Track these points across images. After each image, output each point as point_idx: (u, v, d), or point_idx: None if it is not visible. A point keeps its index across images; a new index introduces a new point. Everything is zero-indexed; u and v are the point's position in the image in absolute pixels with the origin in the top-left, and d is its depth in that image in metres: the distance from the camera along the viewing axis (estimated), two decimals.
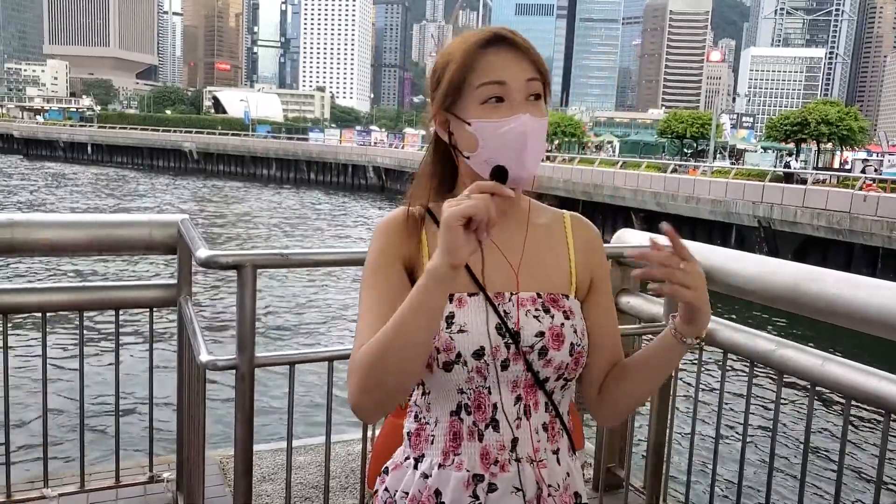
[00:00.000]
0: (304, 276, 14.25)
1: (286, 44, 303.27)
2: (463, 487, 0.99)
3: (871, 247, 17.51)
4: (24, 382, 6.77)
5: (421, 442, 1.04)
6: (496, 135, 0.97)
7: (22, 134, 67.10)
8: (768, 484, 2.14)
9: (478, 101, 0.98)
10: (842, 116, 38.69)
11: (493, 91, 0.97)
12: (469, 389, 0.99)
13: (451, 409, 1.01)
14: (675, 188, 23.21)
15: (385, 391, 0.92)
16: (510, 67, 0.98)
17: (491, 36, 0.99)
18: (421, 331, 0.89)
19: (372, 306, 0.99)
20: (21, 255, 2.27)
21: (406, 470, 1.04)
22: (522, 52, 1.00)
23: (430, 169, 1.09)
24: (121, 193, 33.96)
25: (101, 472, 2.63)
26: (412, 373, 0.92)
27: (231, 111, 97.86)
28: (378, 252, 1.03)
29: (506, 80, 0.98)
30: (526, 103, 0.98)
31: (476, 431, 1.00)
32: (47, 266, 13.86)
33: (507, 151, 0.96)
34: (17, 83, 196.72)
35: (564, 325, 1.02)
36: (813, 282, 1.93)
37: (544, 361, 1.00)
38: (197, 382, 2.02)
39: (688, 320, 0.97)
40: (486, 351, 0.97)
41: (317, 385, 6.97)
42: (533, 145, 0.97)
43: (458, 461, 1.00)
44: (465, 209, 0.84)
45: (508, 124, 0.96)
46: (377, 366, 0.90)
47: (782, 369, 2.00)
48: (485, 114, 0.98)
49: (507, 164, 0.95)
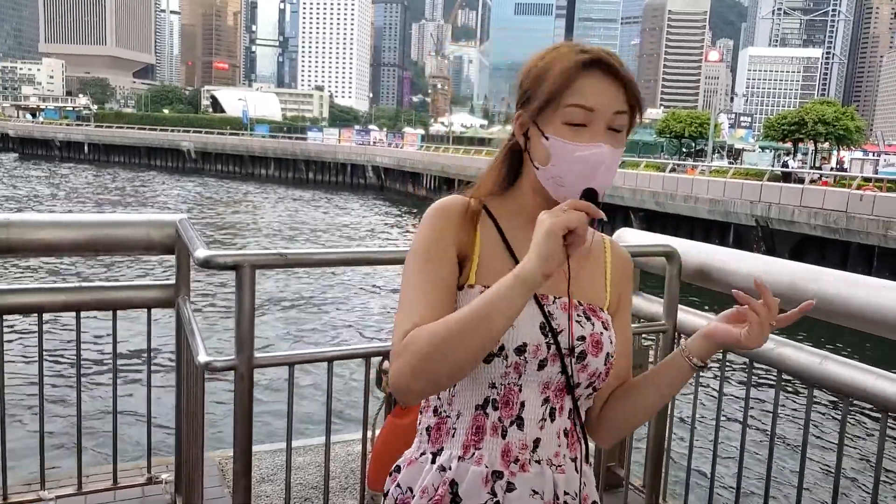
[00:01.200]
0: (304, 276, 14.24)
1: (284, 43, 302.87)
2: (482, 483, 0.99)
3: (867, 245, 17.58)
4: (20, 383, 6.75)
5: (441, 436, 1.03)
6: (571, 157, 0.98)
7: (17, 133, 66.86)
8: (767, 482, 2.14)
9: (562, 119, 0.99)
10: (838, 116, 38.79)
11: (579, 115, 0.98)
12: (501, 385, 1.00)
13: (477, 402, 1.01)
14: (673, 188, 23.24)
15: (437, 378, 0.91)
16: (603, 96, 0.99)
17: (595, 58, 0.99)
18: (497, 330, 0.89)
19: (424, 290, 0.99)
20: (17, 255, 2.25)
21: (422, 465, 1.03)
22: (620, 81, 1.00)
23: (501, 165, 1.10)
24: (118, 195, 33.90)
25: (98, 473, 2.61)
26: (470, 367, 0.92)
27: (229, 110, 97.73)
28: (434, 236, 1.02)
29: (595, 108, 0.98)
30: (606, 133, 0.99)
31: (500, 427, 1.00)
32: (44, 266, 13.83)
33: (576, 176, 0.98)
34: (12, 82, 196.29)
35: (604, 335, 1.04)
36: (811, 281, 1.93)
37: (581, 366, 1.02)
38: (195, 383, 2.02)
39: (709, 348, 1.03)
40: (528, 348, 0.98)
41: (317, 385, 6.97)
42: (603, 175, 0.98)
43: (478, 455, 1.00)
44: (570, 220, 0.87)
45: (586, 150, 0.98)
46: (437, 353, 0.89)
47: (781, 368, 2.01)
48: (565, 134, 0.99)
49: (573, 186, 0.98)
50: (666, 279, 2.35)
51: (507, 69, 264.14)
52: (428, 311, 0.95)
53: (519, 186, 1.09)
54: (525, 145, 1.05)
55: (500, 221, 1.06)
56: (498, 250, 1.04)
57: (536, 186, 1.05)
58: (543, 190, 1.03)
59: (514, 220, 1.07)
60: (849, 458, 6.52)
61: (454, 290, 1.01)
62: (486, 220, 1.06)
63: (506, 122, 1.10)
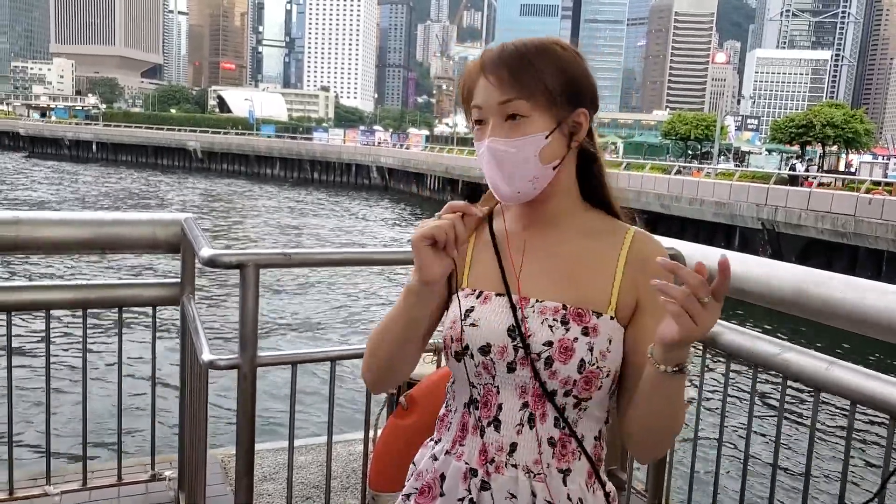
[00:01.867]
0: (308, 275, 14.26)
1: (291, 43, 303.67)
2: (461, 478, 1.03)
3: (876, 250, 17.46)
4: (27, 380, 6.79)
5: (442, 427, 1.10)
6: (479, 156, 1.03)
7: (28, 132, 67.31)
8: (771, 487, 2.13)
9: (472, 122, 1.04)
10: (847, 119, 38.60)
11: (476, 115, 1.03)
12: (479, 384, 1.03)
13: (464, 400, 1.06)
14: (679, 190, 23.19)
15: (379, 372, 1.09)
16: (486, 91, 1.01)
17: (482, 63, 1.03)
18: (402, 331, 1.03)
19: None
20: (25, 252, 2.27)
21: (426, 451, 1.12)
22: (497, 76, 0.99)
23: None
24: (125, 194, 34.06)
25: (103, 469, 2.63)
26: (397, 362, 1.07)
27: (236, 110, 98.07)
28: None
29: (481, 105, 1.01)
30: (504, 126, 0.99)
31: (479, 427, 1.02)
32: (50, 263, 13.90)
33: (486, 171, 1.02)
34: (23, 81, 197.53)
35: (578, 341, 0.97)
36: (817, 285, 1.92)
37: (550, 372, 0.98)
38: (199, 381, 2.02)
39: (666, 349, 0.89)
40: (493, 349, 0.99)
41: (319, 384, 6.98)
42: (503, 167, 0.99)
43: (460, 451, 1.04)
44: (427, 231, 0.94)
45: (478, 150, 1.03)
46: (372, 351, 1.08)
47: (786, 373, 2.00)
48: (476, 136, 1.04)
49: (490, 183, 1.03)
50: None
51: None
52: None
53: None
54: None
55: (498, 223, 1.11)
56: (488, 253, 1.08)
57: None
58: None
59: (510, 223, 1.11)
60: (855, 465, 6.48)
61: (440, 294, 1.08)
62: (483, 225, 1.11)
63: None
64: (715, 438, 2.34)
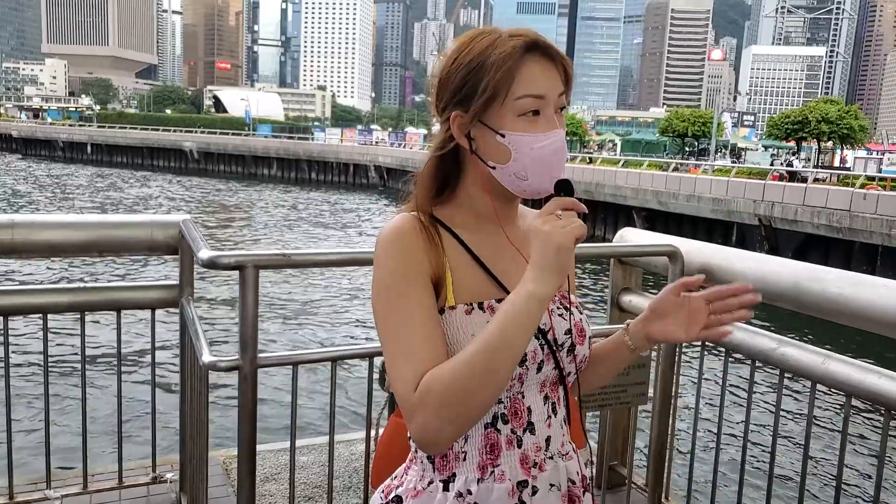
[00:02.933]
0: (307, 276, 14.25)
1: (287, 42, 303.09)
2: (508, 497, 0.96)
3: (871, 245, 17.53)
4: (25, 383, 6.78)
5: (450, 462, 0.98)
6: (532, 149, 0.93)
7: (21, 133, 67.06)
8: (769, 480, 2.14)
9: (516, 112, 0.93)
10: (842, 115, 38.70)
11: (532, 105, 0.93)
12: (506, 398, 0.98)
13: (485, 421, 0.97)
14: (676, 187, 23.21)
15: (469, 420, 0.88)
16: (548, 80, 0.95)
17: (530, 42, 0.94)
18: (519, 354, 0.87)
19: (418, 328, 0.91)
20: (21, 256, 2.27)
21: (433, 494, 0.98)
22: (556, 62, 0.96)
23: (435, 172, 1.02)
24: (118, 195, 33.97)
25: (104, 472, 2.63)
26: (498, 396, 0.88)
27: (232, 110, 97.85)
28: (402, 264, 0.94)
29: (545, 94, 0.94)
30: (557, 117, 0.96)
31: (515, 439, 0.98)
32: (48, 266, 13.87)
33: (540, 168, 0.94)
34: (15, 82, 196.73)
35: (583, 320, 1.05)
36: (814, 280, 1.93)
37: (571, 357, 1.03)
38: (199, 383, 2.03)
39: (650, 340, 1.04)
40: (528, 356, 0.96)
41: (320, 385, 6.98)
42: (561, 160, 0.95)
43: (498, 472, 0.97)
44: (577, 231, 0.85)
45: (546, 140, 0.93)
46: (465, 394, 0.85)
47: (783, 367, 2.01)
48: (521, 127, 0.94)
49: (538, 179, 0.94)
50: (668, 279, 2.35)
51: None
52: (431, 351, 0.89)
53: (464, 189, 1.02)
54: (471, 146, 0.98)
55: (457, 231, 1.00)
56: (466, 262, 0.98)
57: (490, 186, 0.99)
58: (499, 188, 0.98)
59: (469, 226, 1.01)
60: (852, 457, 6.51)
61: (440, 318, 0.95)
62: (446, 234, 0.99)
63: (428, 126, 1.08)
64: (713, 432, 2.36)
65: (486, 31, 0.97)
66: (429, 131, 1.10)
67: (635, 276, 2.67)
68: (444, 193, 1.03)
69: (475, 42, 0.95)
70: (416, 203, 1.01)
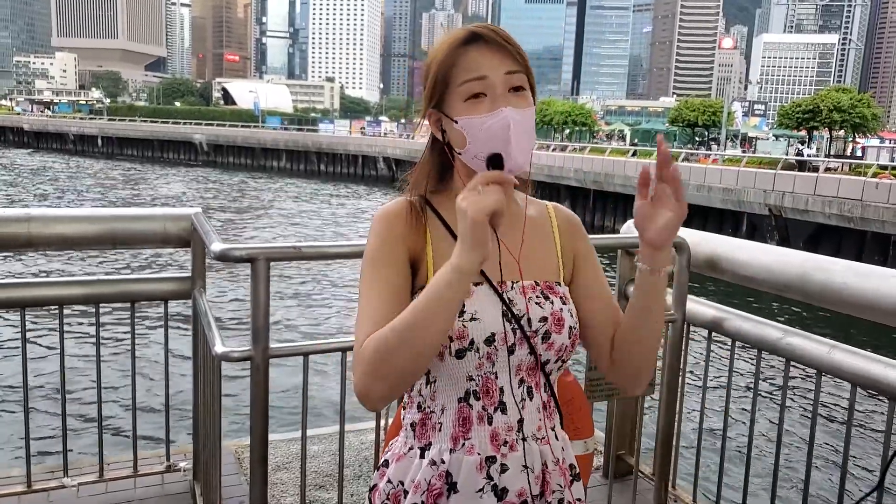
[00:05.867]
0: (318, 268, 14.32)
1: (295, 34, 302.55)
2: (477, 470, 1.02)
3: (884, 234, 17.36)
4: (42, 374, 6.88)
5: (427, 431, 1.05)
6: (482, 130, 0.99)
7: (32, 127, 67.50)
8: (775, 468, 2.16)
9: (461, 98, 1.01)
10: (854, 104, 38.23)
11: (474, 87, 1.00)
12: (478, 376, 1.03)
13: (458, 395, 1.04)
14: (686, 177, 23.05)
15: (399, 379, 0.94)
16: (489, 62, 1.00)
17: (469, 34, 1.02)
18: (444, 322, 0.91)
19: (380, 296, 1.00)
20: (38, 249, 2.31)
21: (412, 460, 1.06)
22: (500, 46, 1.01)
23: (428, 163, 1.12)
24: (132, 189, 34.17)
25: (119, 461, 2.68)
26: (427, 361, 0.94)
27: (240, 102, 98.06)
28: (381, 242, 1.04)
29: (486, 75, 1.00)
30: (508, 96, 1.00)
31: (486, 415, 1.03)
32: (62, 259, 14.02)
33: (494, 145, 0.98)
34: (25, 76, 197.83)
35: (563, 310, 1.07)
36: (820, 271, 1.94)
37: (547, 345, 1.05)
38: (212, 373, 2.06)
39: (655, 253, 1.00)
40: (497, 337, 1.01)
41: (331, 375, 7.04)
42: (518, 137, 0.98)
43: (468, 445, 1.03)
44: (491, 203, 0.86)
45: (492, 118, 0.98)
46: (395, 354, 0.92)
47: (790, 357, 2.02)
48: (469, 110, 1.00)
49: (503, 154, 0.98)
50: (675, 270, 2.36)
51: None
52: (383, 319, 0.95)
53: (453, 178, 1.11)
54: (444, 137, 1.06)
55: (446, 216, 1.07)
56: (448, 245, 1.02)
57: (465, 173, 1.05)
58: (472, 174, 1.01)
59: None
60: (856, 447, 6.50)
61: (407, 295, 1.02)
62: (433, 218, 1.08)
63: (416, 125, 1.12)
64: (720, 420, 2.37)
65: (445, 35, 1.07)
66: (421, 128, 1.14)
67: None
68: (444, 181, 1.12)
69: (434, 48, 1.06)
70: (411, 187, 1.11)
